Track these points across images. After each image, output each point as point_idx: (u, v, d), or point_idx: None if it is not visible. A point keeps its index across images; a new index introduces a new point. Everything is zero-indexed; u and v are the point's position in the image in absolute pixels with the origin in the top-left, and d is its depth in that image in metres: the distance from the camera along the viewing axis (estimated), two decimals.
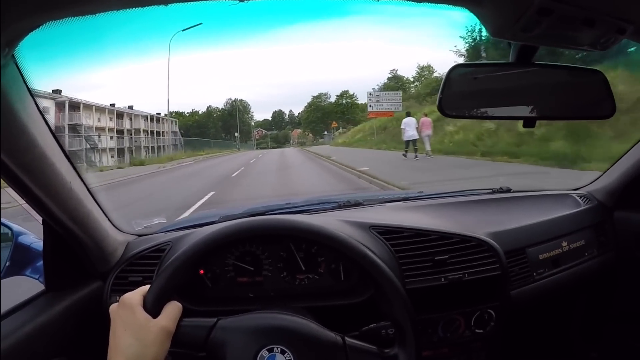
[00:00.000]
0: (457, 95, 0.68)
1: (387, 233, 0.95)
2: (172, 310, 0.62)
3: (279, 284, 0.95)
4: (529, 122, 0.69)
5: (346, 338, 0.65)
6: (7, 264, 0.85)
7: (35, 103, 0.62)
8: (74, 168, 0.76)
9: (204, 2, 0.46)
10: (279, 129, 67.57)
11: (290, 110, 70.94)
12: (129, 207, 6.01)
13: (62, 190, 0.73)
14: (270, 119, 70.99)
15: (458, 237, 0.97)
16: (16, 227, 0.88)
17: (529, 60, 0.61)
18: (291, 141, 59.79)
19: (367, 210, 1.19)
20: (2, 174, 0.63)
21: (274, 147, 51.88)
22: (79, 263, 0.89)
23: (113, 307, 0.62)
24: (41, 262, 0.86)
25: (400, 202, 1.27)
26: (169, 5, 0.46)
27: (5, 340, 0.71)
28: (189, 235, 0.99)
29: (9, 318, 0.78)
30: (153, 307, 0.61)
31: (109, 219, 0.95)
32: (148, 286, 0.64)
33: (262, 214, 1.11)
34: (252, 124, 63.25)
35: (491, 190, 1.36)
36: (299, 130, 58.93)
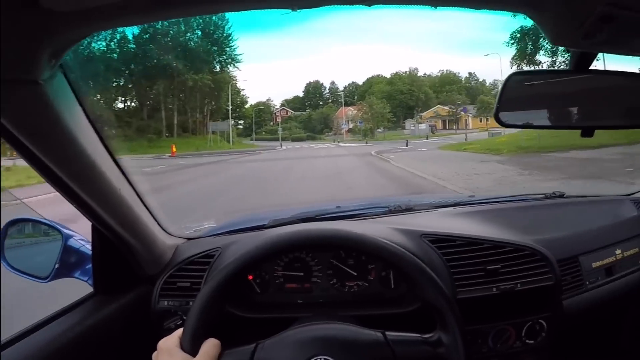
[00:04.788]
0: (514, 104, 0.69)
1: (438, 241, 0.97)
2: (209, 347, 0.65)
3: (328, 291, 0.97)
4: (587, 132, 0.69)
5: (387, 333, 0.67)
6: (57, 265, 0.89)
7: (85, 112, 0.65)
8: (124, 174, 0.80)
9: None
10: (314, 108, 47.07)
11: (333, 82, 50.21)
12: None
13: (112, 197, 0.77)
14: (303, 94, 51.00)
15: (511, 245, 0.98)
16: (66, 230, 0.92)
17: (587, 67, 0.61)
18: (334, 128, 39.03)
19: (418, 216, 1.20)
20: (52, 182, 0.67)
21: (300, 139, 33.27)
22: (127, 266, 0.93)
23: (154, 355, 0.67)
24: (90, 265, 0.91)
25: (452, 208, 1.27)
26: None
27: (55, 342, 0.75)
28: (238, 241, 1.02)
29: (59, 320, 0.82)
30: (190, 347, 0.64)
31: (158, 223, 0.98)
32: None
33: (312, 218, 1.14)
34: (271, 102, 44.17)
35: (544, 196, 1.36)
36: (351, 108, 37.82)
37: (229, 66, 30.45)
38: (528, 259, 0.96)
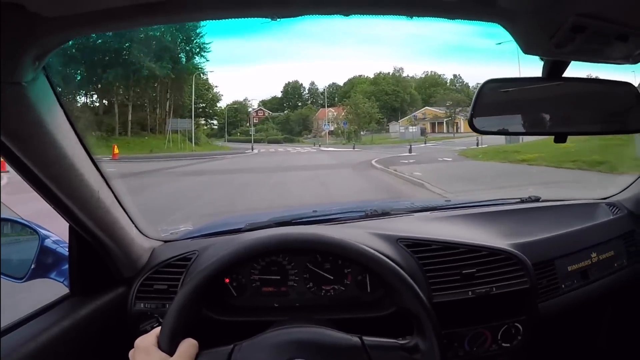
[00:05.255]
0: (489, 110, 0.70)
1: (415, 246, 0.98)
2: (187, 347, 0.65)
3: (305, 294, 0.98)
4: (560, 138, 0.71)
5: (364, 337, 0.68)
6: (33, 266, 0.89)
7: (66, 114, 0.66)
8: (102, 177, 0.80)
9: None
10: (292, 109, 43.27)
11: (313, 83, 46.73)
12: None
13: (90, 199, 0.77)
14: (281, 94, 47.22)
15: (486, 249, 0.99)
16: (42, 230, 0.92)
17: (560, 74, 0.63)
18: (313, 130, 35.18)
19: (395, 221, 1.21)
20: (31, 184, 0.67)
21: (277, 141, 29.61)
22: (104, 268, 0.93)
23: (130, 353, 0.67)
24: (66, 266, 0.91)
25: (428, 213, 1.28)
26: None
27: (30, 343, 0.74)
28: (215, 244, 1.03)
29: (34, 321, 0.82)
30: (168, 347, 0.65)
31: (135, 226, 0.98)
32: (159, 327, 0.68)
33: (288, 222, 1.14)
34: (248, 102, 40.13)
35: (520, 200, 1.37)
36: (332, 109, 33.97)
37: (195, 56, 26.39)
38: (503, 262, 0.98)
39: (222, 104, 34.74)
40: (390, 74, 37.71)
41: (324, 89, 40.17)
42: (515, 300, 0.97)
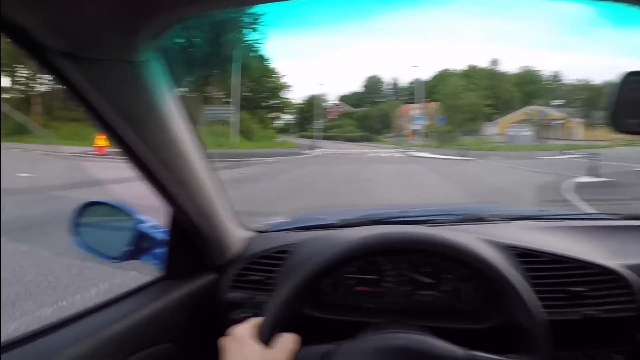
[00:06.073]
0: (632, 107, 0.63)
1: (523, 255, 0.90)
2: (288, 341, 0.65)
3: (399, 298, 0.94)
4: None
5: (473, 352, 0.64)
6: (128, 248, 0.92)
7: (177, 99, 0.65)
8: (208, 165, 0.80)
9: None
10: (373, 105, 40.96)
11: (396, 79, 44.04)
12: None
13: (196, 186, 0.77)
14: (361, 89, 45.20)
15: (598, 268, 0.90)
16: (137, 214, 0.95)
17: None
18: (396, 128, 32.17)
19: (495, 227, 1.13)
20: (139, 168, 0.67)
21: (353, 139, 27.63)
22: (196, 254, 0.94)
23: (224, 340, 0.67)
24: (159, 249, 0.93)
25: (528, 221, 1.20)
26: None
27: (122, 322, 0.76)
28: (311, 238, 1.01)
29: (130, 299, 0.85)
30: (267, 339, 0.64)
31: (233, 216, 0.99)
32: (260, 318, 0.68)
33: (382, 221, 1.11)
34: (326, 98, 38.64)
35: (624, 216, 1.26)
36: (417, 105, 29.83)
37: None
38: (613, 284, 0.89)
39: (293, 97, 33.75)
40: (486, 67, 33.44)
41: (414, 82, 37.12)
42: (619, 328, 0.88)
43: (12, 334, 0.66)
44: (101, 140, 11.68)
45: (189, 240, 0.91)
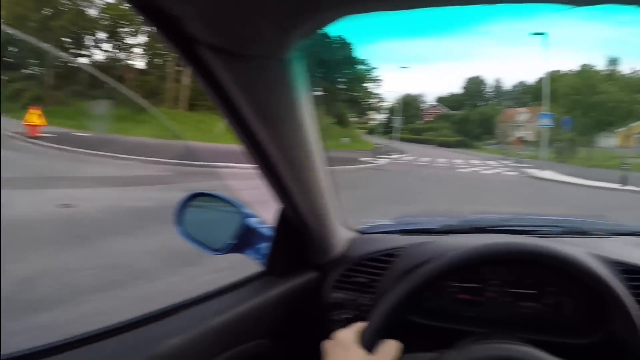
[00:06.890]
0: None
1: (630, 272, 0.86)
2: (391, 348, 0.64)
3: (499, 308, 0.91)
4: None
5: None
6: (232, 241, 0.93)
7: (313, 99, 0.64)
8: (326, 164, 0.80)
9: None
10: (472, 108, 38.06)
11: (498, 80, 40.43)
12: None
13: (313, 186, 0.77)
14: (462, 90, 42.38)
15: None
16: (244, 209, 0.95)
17: None
18: (499, 134, 28.98)
19: (599, 242, 1.08)
20: (261, 163, 0.67)
21: (448, 145, 26.06)
22: (299, 252, 0.95)
23: (327, 344, 0.67)
24: (262, 244, 0.94)
25: (633, 237, 1.13)
26: None
27: (223, 315, 0.77)
28: (417, 243, 0.98)
29: (229, 294, 0.85)
30: (370, 345, 0.64)
31: (340, 216, 0.99)
32: (364, 323, 0.67)
33: (483, 229, 1.09)
34: (423, 99, 36.90)
35: None
36: (524, 110, 25.76)
37: None
38: None
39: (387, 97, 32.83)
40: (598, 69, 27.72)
41: (517, 85, 33.39)
42: None
43: None
44: (34, 117, 9.01)
45: (294, 238, 0.91)
